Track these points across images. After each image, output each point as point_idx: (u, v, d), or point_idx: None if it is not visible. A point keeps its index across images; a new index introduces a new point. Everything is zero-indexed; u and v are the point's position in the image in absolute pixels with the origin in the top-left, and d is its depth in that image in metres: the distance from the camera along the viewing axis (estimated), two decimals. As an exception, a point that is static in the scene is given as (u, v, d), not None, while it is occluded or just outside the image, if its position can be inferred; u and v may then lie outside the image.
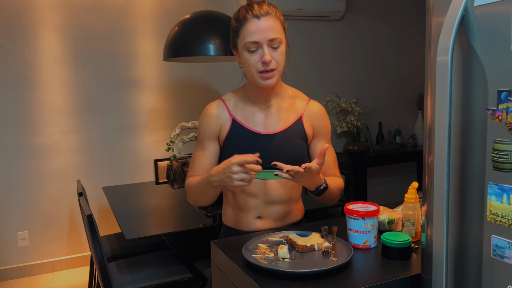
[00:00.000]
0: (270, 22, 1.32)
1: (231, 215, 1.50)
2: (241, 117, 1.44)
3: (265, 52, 1.31)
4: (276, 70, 1.34)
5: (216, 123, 1.44)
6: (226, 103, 1.47)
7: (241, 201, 1.45)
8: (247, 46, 1.32)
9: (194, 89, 3.66)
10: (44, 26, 3.17)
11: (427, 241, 0.96)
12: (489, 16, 0.82)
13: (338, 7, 3.90)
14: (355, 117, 4.12)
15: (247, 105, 1.45)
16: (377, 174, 4.45)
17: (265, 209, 1.44)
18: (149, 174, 3.56)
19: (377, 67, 4.37)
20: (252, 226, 1.45)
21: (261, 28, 1.30)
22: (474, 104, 0.86)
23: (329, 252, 1.16)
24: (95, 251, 1.97)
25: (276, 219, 1.46)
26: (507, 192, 0.81)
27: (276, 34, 1.32)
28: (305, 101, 1.48)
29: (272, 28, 1.31)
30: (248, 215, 1.45)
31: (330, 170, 1.49)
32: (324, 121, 1.49)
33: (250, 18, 1.32)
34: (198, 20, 2.52)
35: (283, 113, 1.44)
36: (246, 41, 1.32)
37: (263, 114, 1.44)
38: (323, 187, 1.35)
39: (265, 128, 1.43)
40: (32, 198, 3.25)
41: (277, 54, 1.33)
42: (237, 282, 1.15)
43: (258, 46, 1.32)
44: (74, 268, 3.40)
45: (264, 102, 1.44)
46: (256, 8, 1.32)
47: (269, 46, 1.32)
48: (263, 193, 1.43)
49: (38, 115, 3.22)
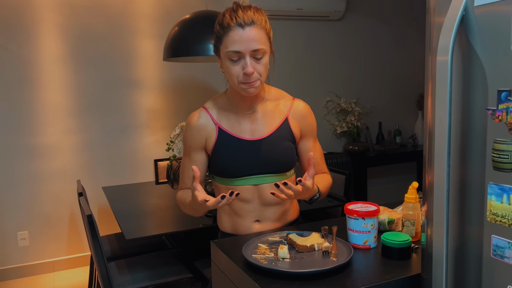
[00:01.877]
0: (254, 32, 1.26)
1: (227, 221, 1.48)
2: (226, 125, 1.41)
3: (247, 63, 1.26)
4: (258, 81, 1.30)
5: (200, 134, 1.42)
6: (209, 111, 1.43)
7: (237, 207, 1.43)
8: (229, 55, 1.27)
9: (194, 89, 3.66)
10: (44, 26, 3.17)
11: (427, 241, 0.96)
12: (489, 16, 0.82)
13: (338, 7, 3.90)
14: (355, 117, 4.12)
15: (231, 112, 1.42)
16: (377, 174, 4.45)
17: (262, 212, 1.43)
18: (149, 174, 3.56)
19: (377, 67, 4.37)
20: (250, 230, 1.44)
21: (244, 39, 1.25)
22: (474, 104, 0.86)
23: (329, 252, 1.16)
24: (95, 251, 1.97)
25: (273, 220, 1.46)
26: (507, 192, 0.81)
27: (259, 45, 1.26)
28: (289, 101, 1.47)
29: (255, 39, 1.26)
30: (245, 220, 1.44)
31: (319, 167, 1.52)
32: (310, 119, 1.48)
33: (234, 26, 1.25)
34: (198, 20, 2.52)
35: (268, 117, 1.42)
36: (229, 49, 1.27)
37: (249, 120, 1.42)
38: (316, 197, 1.38)
39: (252, 134, 1.41)
40: (32, 198, 3.25)
41: (260, 66, 1.29)
42: (237, 282, 1.15)
43: (240, 56, 1.27)
44: (74, 268, 3.41)
45: (248, 108, 1.42)
46: (240, 16, 1.26)
47: (252, 57, 1.27)
48: (258, 197, 1.42)
49: (38, 115, 3.22)
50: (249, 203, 1.42)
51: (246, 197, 1.41)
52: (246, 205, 1.42)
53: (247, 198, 1.41)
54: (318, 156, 1.52)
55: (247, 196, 1.41)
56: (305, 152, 1.49)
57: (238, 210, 1.43)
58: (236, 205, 1.43)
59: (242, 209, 1.43)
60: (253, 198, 1.42)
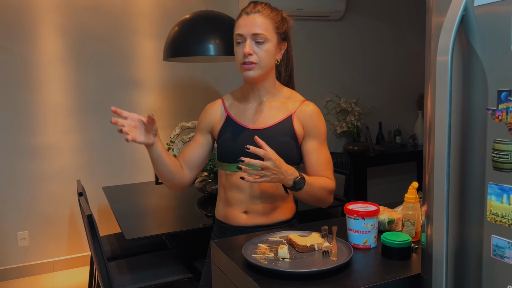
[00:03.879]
0: (258, 19, 1.40)
1: (221, 209, 1.55)
2: (234, 114, 1.52)
3: (246, 44, 1.39)
4: (257, 65, 1.40)
5: (209, 119, 1.55)
6: (224, 101, 1.57)
7: (230, 196, 1.49)
8: (235, 38, 1.43)
9: (194, 89, 3.66)
10: (44, 26, 3.17)
11: (427, 241, 0.96)
12: (489, 16, 0.82)
13: (338, 7, 3.90)
14: (355, 117, 4.12)
15: (242, 103, 1.53)
16: (377, 174, 4.45)
17: (251, 204, 1.47)
18: (149, 174, 3.56)
19: (377, 67, 4.37)
20: (238, 220, 1.49)
21: (247, 23, 1.40)
22: (474, 104, 0.86)
23: (329, 252, 1.16)
24: (95, 251, 1.97)
25: (262, 215, 1.47)
26: (507, 192, 0.81)
27: (260, 30, 1.39)
28: (298, 102, 1.49)
29: (258, 24, 1.39)
30: (235, 210, 1.49)
31: (322, 172, 1.47)
32: (316, 121, 1.47)
33: (242, 13, 1.43)
34: (198, 20, 2.52)
35: (273, 111, 1.49)
36: (234, 33, 1.43)
37: (254, 111, 1.50)
38: (298, 178, 1.33)
39: (254, 124, 1.48)
40: (32, 198, 3.25)
41: (261, 50, 1.40)
42: (237, 282, 1.15)
43: (243, 39, 1.40)
44: (74, 268, 3.41)
45: (256, 99, 1.51)
46: (250, 6, 1.42)
47: (253, 40, 1.40)
48: (249, 187, 1.46)
49: (38, 115, 3.22)
50: (241, 192, 1.47)
51: (239, 185, 1.46)
52: (238, 194, 1.47)
53: (240, 186, 1.46)
54: (322, 160, 1.47)
55: (240, 184, 1.46)
56: (307, 153, 1.48)
57: (231, 198, 1.49)
58: (229, 194, 1.49)
59: (233, 198, 1.49)
60: (244, 187, 1.46)
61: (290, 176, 1.32)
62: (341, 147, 4.25)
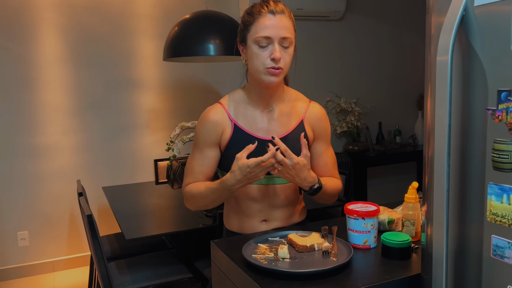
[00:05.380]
0: (284, 20, 1.30)
1: (235, 220, 1.48)
2: (243, 122, 1.41)
3: (276, 48, 1.28)
4: (282, 70, 1.32)
5: (216, 130, 1.40)
6: (226, 107, 1.43)
7: (245, 206, 1.43)
8: (258, 40, 1.29)
9: (194, 89, 3.66)
10: (44, 26, 3.17)
11: (427, 241, 0.96)
12: (489, 16, 0.82)
13: (338, 7, 3.90)
14: (355, 117, 4.12)
15: (249, 109, 1.42)
16: (377, 174, 4.45)
17: (270, 213, 1.44)
18: (149, 174, 3.56)
19: (377, 67, 4.37)
20: (257, 229, 1.44)
21: (275, 25, 1.28)
22: (474, 104, 0.86)
23: (329, 252, 1.16)
24: (95, 251, 1.97)
25: (281, 221, 1.46)
26: (507, 192, 0.81)
27: (288, 34, 1.30)
28: (306, 103, 1.47)
29: (285, 27, 1.30)
30: (253, 220, 1.44)
31: (330, 172, 1.49)
32: (324, 123, 1.48)
33: (265, 12, 1.30)
34: (198, 20, 2.52)
35: (284, 118, 1.42)
36: (259, 35, 1.29)
37: (266, 119, 1.42)
38: (316, 187, 1.35)
39: (268, 134, 1.40)
40: (32, 198, 3.25)
41: (286, 55, 1.32)
42: (237, 282, 1.15)
43: (269, 42, 1.29)
44: (74, 268, 3.40)
45: (266, 105, 1.42)
46: (272, 5, 1.31)
47: (279, 44, 1.30)
48: (267, 197, 1.42)
49: (38, 115, 3.22)
50: (258, 202, 1.42)
51: (256, 197, 1.41)
52: (255, 205, 1.42)
53: (257, 197, 1.41)
54: (329, 161, 1.49)
55: (257, 196, 1.41)
56: (316, 155, 1.47)
57: (247, 209, 1.43)
58: (245, 204, 1.43)
59: (250, 208, 1.43)
60: (262, 198, 1.42)
61: (308, 183, 1.33)
62: (341, 147, 4.25)
